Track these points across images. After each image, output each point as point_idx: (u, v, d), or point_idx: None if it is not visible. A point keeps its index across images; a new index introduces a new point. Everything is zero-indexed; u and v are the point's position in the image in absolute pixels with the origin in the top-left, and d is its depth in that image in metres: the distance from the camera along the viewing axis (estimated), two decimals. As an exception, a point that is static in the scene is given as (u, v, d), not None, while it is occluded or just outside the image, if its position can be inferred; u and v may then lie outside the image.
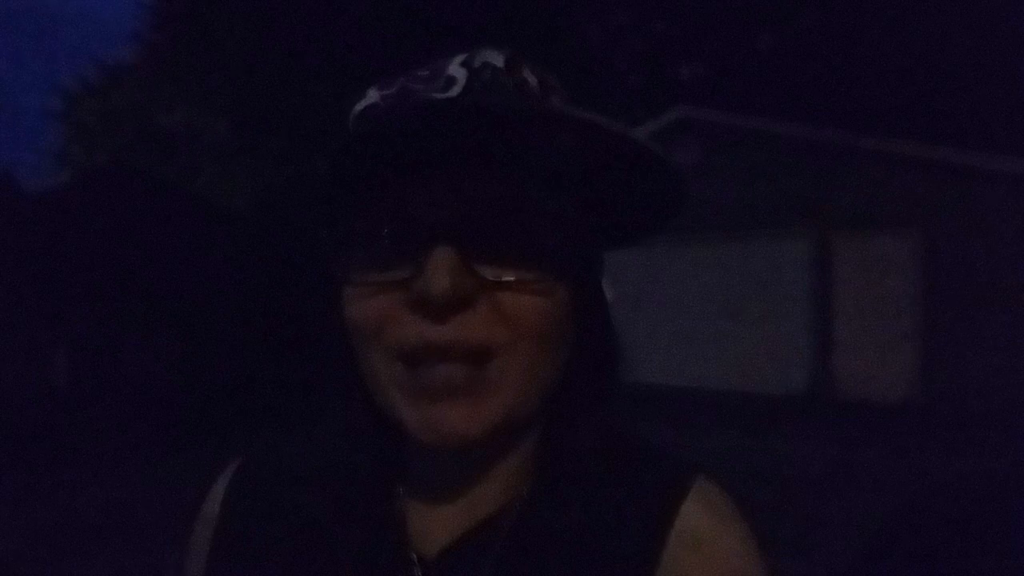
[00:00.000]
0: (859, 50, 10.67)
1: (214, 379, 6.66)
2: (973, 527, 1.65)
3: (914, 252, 7.94)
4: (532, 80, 0.45)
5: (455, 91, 0.44)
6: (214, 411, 6.20)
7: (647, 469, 0.49)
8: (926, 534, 1.71)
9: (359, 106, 0.47)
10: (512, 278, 0.42)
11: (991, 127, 9.85)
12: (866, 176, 8.02)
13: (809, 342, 8.27)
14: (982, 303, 7.50)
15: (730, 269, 8.92)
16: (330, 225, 0.46)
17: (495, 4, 11.65)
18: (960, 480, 2.13)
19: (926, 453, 5.20)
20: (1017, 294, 7.37)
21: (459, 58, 0.45)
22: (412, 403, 0.42)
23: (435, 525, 0.48)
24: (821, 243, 8.18)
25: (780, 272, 8.65)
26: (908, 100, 10.81)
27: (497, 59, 0.45)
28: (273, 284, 7.23)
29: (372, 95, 0.47)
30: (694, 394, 8.03)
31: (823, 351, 8.10)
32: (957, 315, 7.64)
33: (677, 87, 13.88)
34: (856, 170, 8.02)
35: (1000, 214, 7.51)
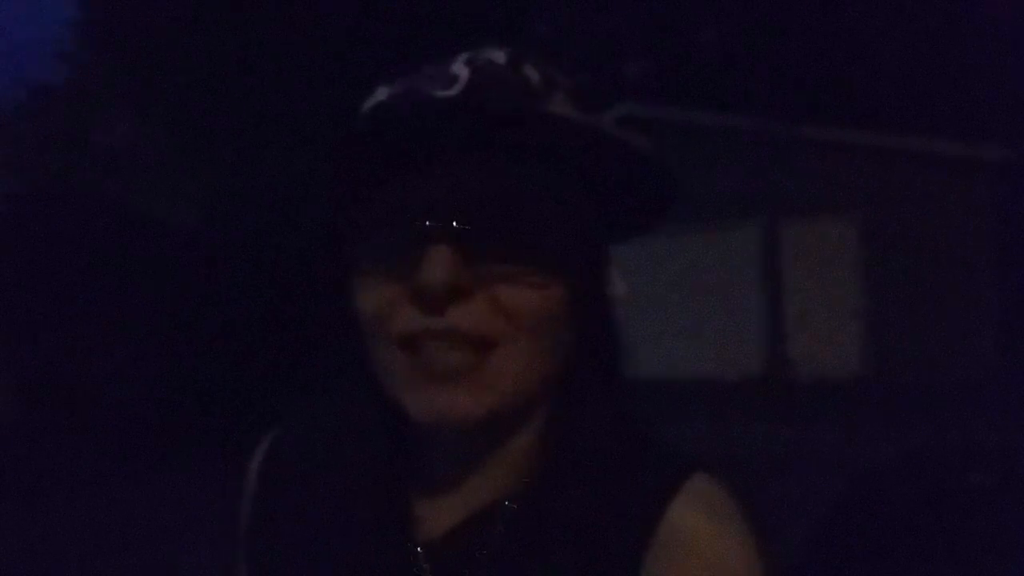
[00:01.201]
0: (798, 42, 10.98)
1: (166, 393, 6.51)
2: (921, 501, 1.73)
3: (859, 235, 8.23)
4: (534, 77, 0.46)
5: (457, 88, 0.45)
6: (167, 426, 6.06)
7: (643, 464, 0.49)
8: (877, 508, 1.78)
9: (368, 103, 0.48)
10: (510, 271, 0.43)
11: (930, 113, 10.25)
12: (810, 164, 8.28)
13: (762, 327, 8.50)
14: (924, 282, 7.83)
15: (682, 260, 9.10)
16: (336, 217, 0.48)
17: (442, 2, 11.59)
18: (906, 456, 2.22)
19: (877, 427, 5.40)
20: (955, 273, 7.71)
21: (463, 56, 0.47)
22: (413, 386, 0.44)
23: (440, 511, 0.49)
24: (768, 231, 8.41)
25: (731, 261, 8.86)
26: (849, 89, 11.17)
27: (499, 57, 0.46)
28: (229, 295, 7.08)
29: (381, 92, 0.48)
30: (651, 384, 8.15)
31: (776, 335, 8.33)
32: (901, 294, 7.95)
33: (622, 84, 14.06)
34: (801, 159, 8.27)
35: (939, 196, 7.84)
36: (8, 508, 4.54)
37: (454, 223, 0.42)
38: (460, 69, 0.46)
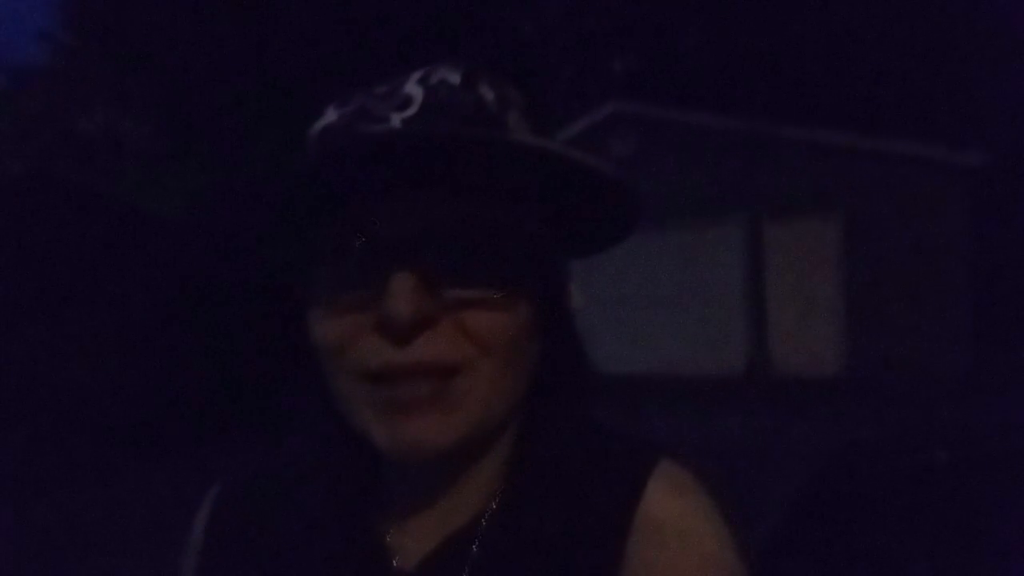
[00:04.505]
0: (783, 42, 11.09)
1: (145, 388, 6.44)
2: (889, 478, 1.77)
3: (839, 235, 8.32)
4: (489, 96, 0.45)
5: (412, 110, 0.44)
6: (145, 421, 6.00)
7: (611, 459, 0.49)
8: (847, 485, 1.81)
9: (317, 125, 0.47)
10: (474, 296, 0.42)
11: (911, 115, 10.39)
12: (793, 164, 8.36)
13: (744, 324, 8.57)
14: (902, 283, 7.94)
15: (666, 257, 9.15)
16: (291, 245, 0.46)
17: (432, 1, 11.57)
18: (874, 437, 2.26)
19: (855, 423, 5.49)
20: (934, 273, 7.83)
21: (416, 75, 0.45)
22: (379, 418, 0.43)
23: (414, 538, 0.48)
24: (752, 229, 8.48)
25: (714, 258, 8.93)
26: (831, 90, 11.29)
27: (454, 76, 0.45)
28: (206, 291, 7.02)
29: (330, 114, 0.46)
30: (636, 380, 8.21)
31: (758, 332, 8.41)
32: (879, 294, 8.06)
33: (610, 81, 14.12)
34: (783, 158, 8.35)
35: (918, 197, 7.95)
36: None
37: (417, 250, 0.41)
38: (413, 89, 0.44)
